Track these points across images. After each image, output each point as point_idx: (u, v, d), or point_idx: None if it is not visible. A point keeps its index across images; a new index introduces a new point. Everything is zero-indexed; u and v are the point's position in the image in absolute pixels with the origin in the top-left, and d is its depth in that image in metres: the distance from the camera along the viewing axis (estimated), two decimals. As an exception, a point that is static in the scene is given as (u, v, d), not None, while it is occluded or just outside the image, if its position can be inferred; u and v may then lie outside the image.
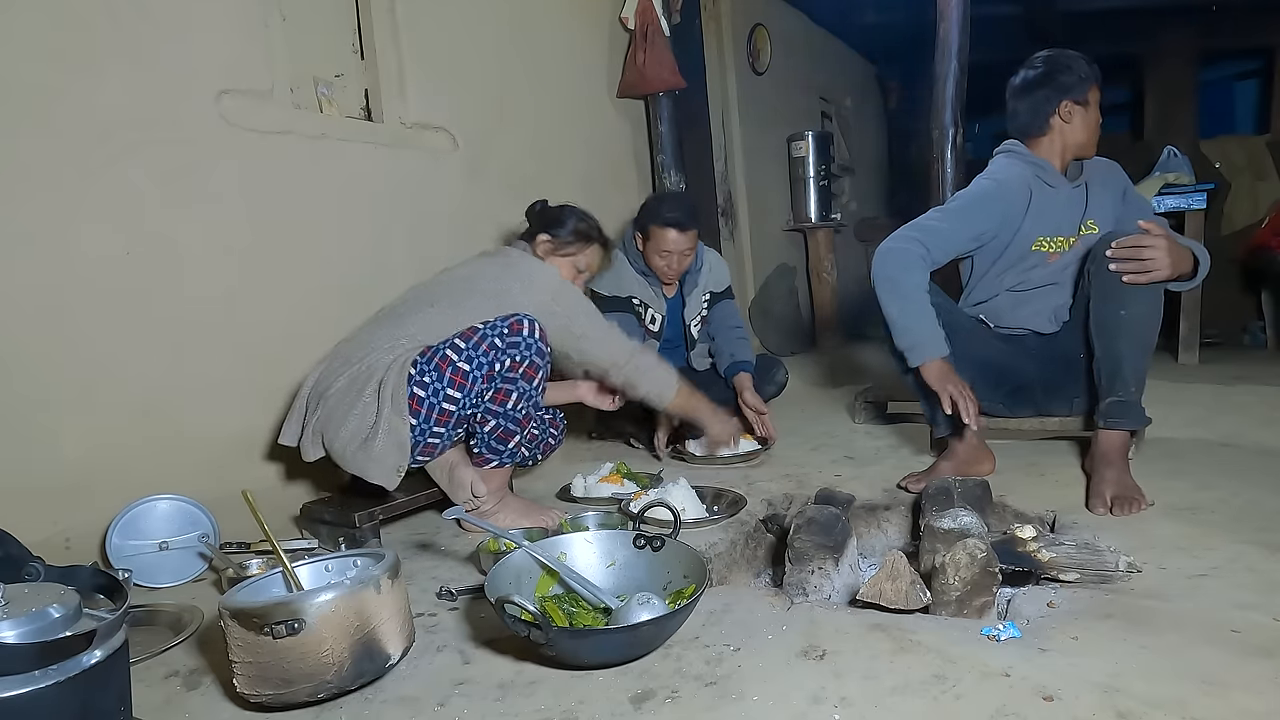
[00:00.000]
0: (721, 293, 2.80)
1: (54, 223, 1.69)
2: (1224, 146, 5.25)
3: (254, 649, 1.06)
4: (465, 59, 2.68)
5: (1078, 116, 1.97)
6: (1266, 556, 1.41)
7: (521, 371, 1.78)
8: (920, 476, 1.97)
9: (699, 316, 2.75)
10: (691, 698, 1.07)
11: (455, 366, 1.74)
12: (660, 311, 2.68)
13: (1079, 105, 1.96)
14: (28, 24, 1.65)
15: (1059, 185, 2.01)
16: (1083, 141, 2.00)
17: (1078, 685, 1.02)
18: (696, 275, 2.72)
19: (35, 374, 1.67)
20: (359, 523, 1.78)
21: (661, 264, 2.57)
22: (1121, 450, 1.83)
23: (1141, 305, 1.79)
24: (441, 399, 1.75)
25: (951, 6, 3.25)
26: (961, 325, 2.03)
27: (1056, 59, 1.98)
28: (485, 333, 1.76)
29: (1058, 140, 2.00)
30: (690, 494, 1.91)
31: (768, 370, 2.83)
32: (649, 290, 2.65)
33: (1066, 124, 1.98)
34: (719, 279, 2.79)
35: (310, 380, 1.89)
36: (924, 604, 1.30)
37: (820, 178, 4.73)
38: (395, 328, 1.87)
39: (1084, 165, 2.06)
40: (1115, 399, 1.83)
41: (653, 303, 2.67)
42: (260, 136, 2.06)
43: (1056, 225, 2.02)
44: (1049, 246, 2.03)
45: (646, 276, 2.64)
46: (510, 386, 1.79)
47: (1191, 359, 3.66)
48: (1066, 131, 1.99)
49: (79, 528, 1.70)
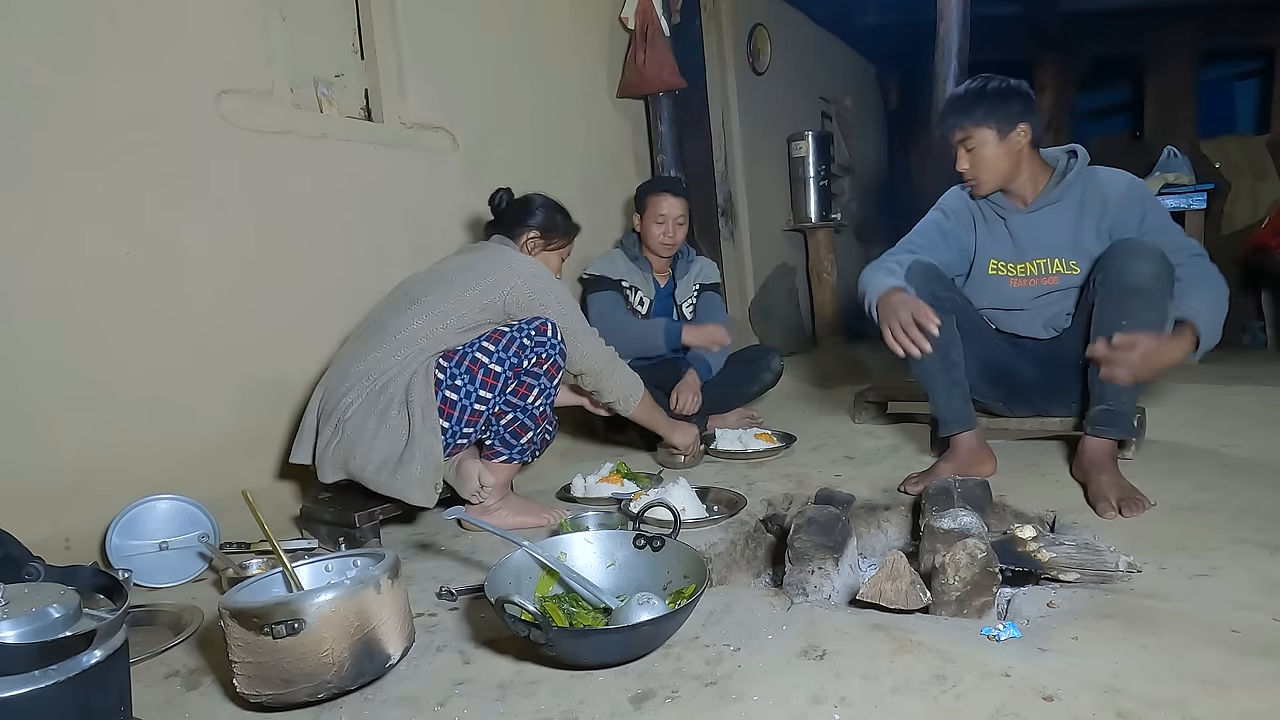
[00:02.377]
0: (710, 285, 2.99)
1: (54, 223, 1.69)
2: (1224, 146, 5.25)
3: (254, 649, 1.06)
4: (465, 59, 2.68)
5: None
6: (1266, 556, 1.41)
7: (545, 369, 1.83)
8: (920, 478, 1.97)
9: (690, 299, 2.94)
10: (691, 698, 1.07)
11: (487, 369, 1.78)
12: (649, 296, 2.86)
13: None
14: (28, 24, 1.65)
15: (1009, 214, 2.02)
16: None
17: (1078, 685, 1.02)
18: (688, 265, 2.93)
19: (35, 374, 1.67)
20: (359, 523, 1.78)
21: (659, 231, 2.77)
22: (1111, 455, 1.84)
23: (1146, 315, 1.76)
24: (474, 400, 1.79)
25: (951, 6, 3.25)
26: (967, 321, 2.05)
27: (989, 86, 1.93)
28: (513, 335, 1.80)
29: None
30: (690, 494, 1.91)
31: (759, 361, 2.93)
32: (640, 275, 2.84)
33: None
34: (709, 274, 3.00)
35: (317, 397, 1.86)
36: (924, 604, 1.30)
37: (820, 178, 4.73)
38: (396, 334, 1.83)
39: (1072, 189, 1.96)
40: (1104, 407, 1.85)
41: (642, 287, 2.84)
42: (260, 136, 2.06)
43: (1010, 251, 2.03)
44: (1007, 271, 2.05)
45: (638, 262, 2.84)
46: (533, 381, 1.83)
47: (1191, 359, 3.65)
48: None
49: (79, 528, 1.70)
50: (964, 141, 1.94)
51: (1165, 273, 1.78)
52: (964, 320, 2.03)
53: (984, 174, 1.96)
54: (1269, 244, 4.41)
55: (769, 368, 2.91)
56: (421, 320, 1.83)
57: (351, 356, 1.85)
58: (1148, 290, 1.77)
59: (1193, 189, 3.66)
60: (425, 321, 1.83)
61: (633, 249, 2.85)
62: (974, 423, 2.02)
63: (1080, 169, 1.97)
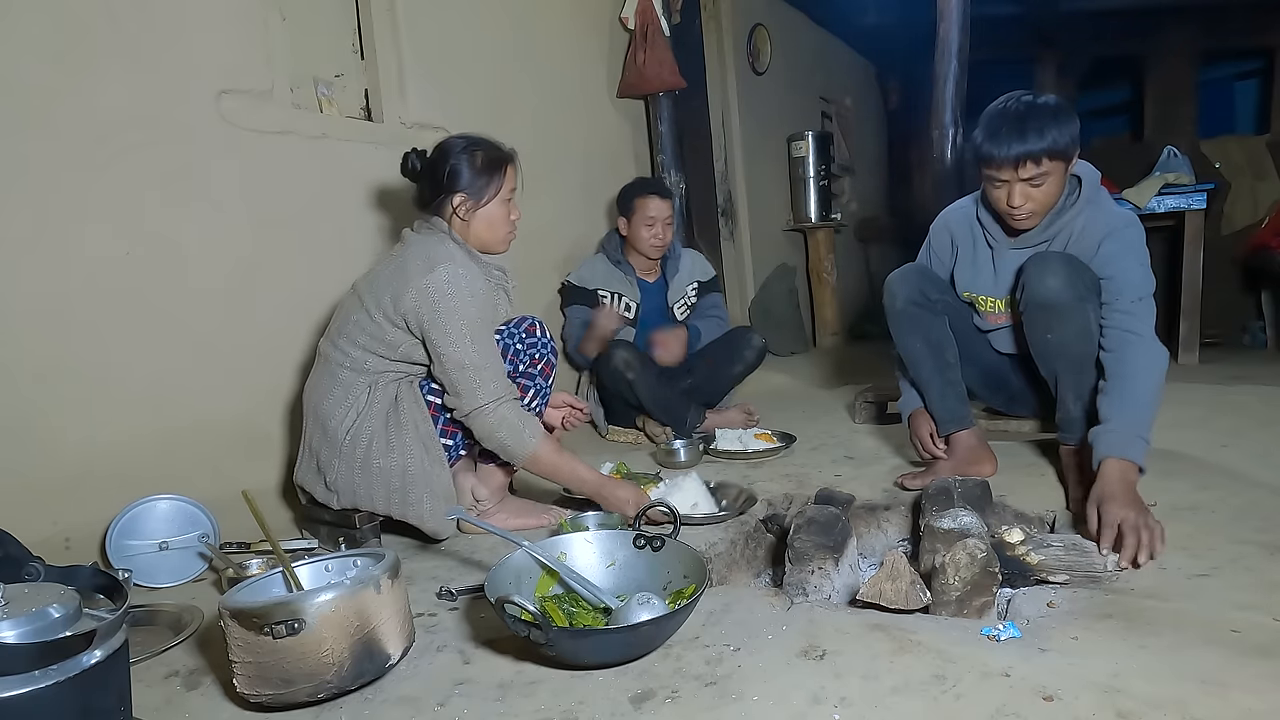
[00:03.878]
0: (708, 282, 2.98)
1: (54, 223, 1.69)
2: (1224, 146, 5.25)
3: (254, 649, 1.06)
4: (465, 59, 2.68)
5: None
6: (1266, 556, 1.40)
7: (539, 369, 1.83)
8: (918, 475, 1.98)
9: (683, 301, 2.93)
10: (691, 698, 1.07)
11: None
12: (634, 300, 2.86)
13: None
14: (28, 24, 1.65)
15: (998, 246, 1.93)
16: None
17: (1078, 685, 1.02)
18: (677, 262, 2.93)
19: (35, 374, 1.67)
20: (359, 523, 1.78)
21: (648, 234, 2.78)
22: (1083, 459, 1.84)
23: (1067, 329, 1.75)
24: None
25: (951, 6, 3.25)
26: (961, 324, 2.05)
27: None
28: (505, 341, 1.79)
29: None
30: (700, 486, 1.90)
31: (740, 340, 2.86)
32: (623, 280, 2.84)
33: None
34: (703, 269, 3.00)
35: (307, 423, 1.78)
36: (924, 604, 1.30)
37: (820, 178, 4.73)
38: (340, 365, 1.72)
39: (1064, 231, 1.82)
40: (1061, 416, 1.87)
41: (627, 291, 2.85)
42: (260, 136, 2.06)
43: (989, 285, 1.97)
44: (983, 305, 2.01)
45: (621, 266, 2.84)
46: (528, 383, 1.82)
47: (1191, 359, 3.66)
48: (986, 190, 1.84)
49: (79, 528, 1.71)
50: (1033, 179, 1.72)
51: (1076, 281, 1.72)
52: (958, 323, 2.04)
53: (1043, 206, 1.77)
54: (1269, 244, 4.41)
55: (750, 345, 2.84)
56: (358, 351, 1.70)
57: (328, 374, 1.74)
58: (1062, 306, 1.73)
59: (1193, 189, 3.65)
60: (361, 353, 1.70)
61: (615, 253, 2.85)
62: (971, 422, 2.02)
63: (1079, 205, 1.81)
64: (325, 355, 1.77)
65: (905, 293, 1.97)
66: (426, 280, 1.63)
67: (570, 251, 3.11)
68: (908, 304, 1.97)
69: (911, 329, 1.99)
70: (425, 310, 1.63)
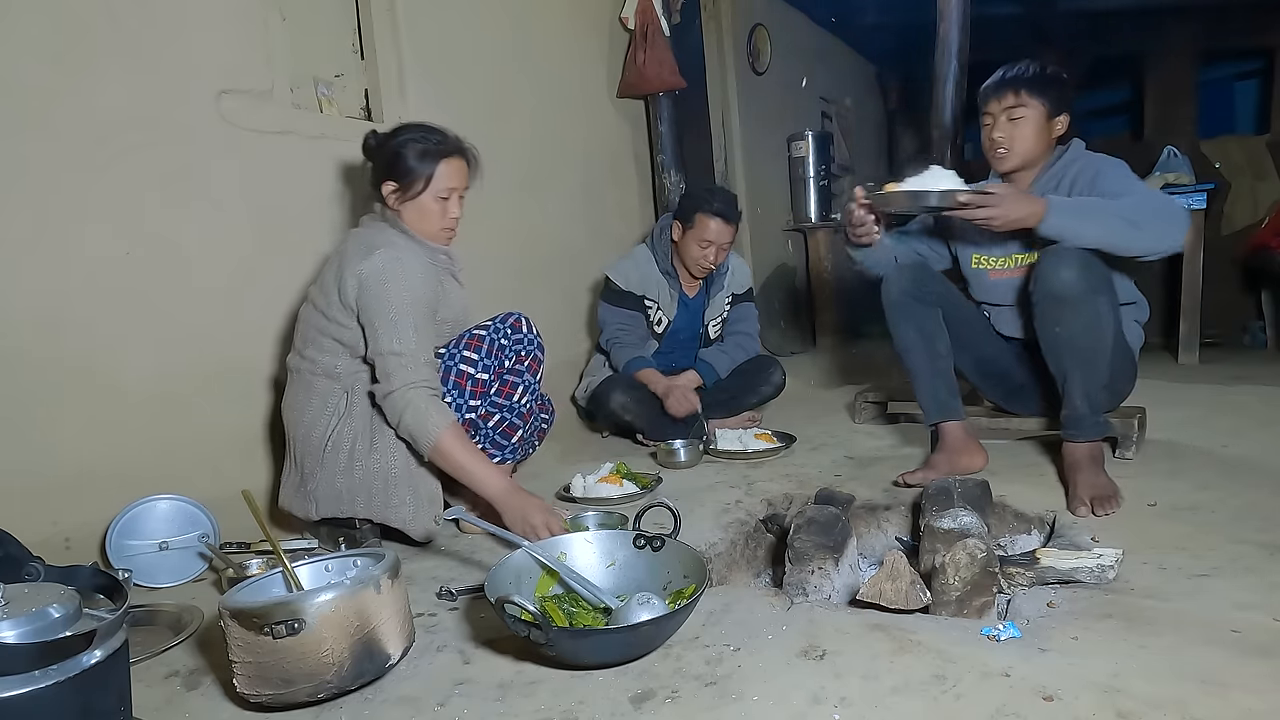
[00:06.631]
0: (743, 295, 2.87)
1: (54, 223, 1.69)
2: (1224, 146, 5.25)
3: (254, 649, 1.06)
4: (465, 59, 2.68)
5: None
6: (1266, 556, 1.41)
7: (526, 365, 1.83)
8: (916, 471, 1.98)
9: (720, 318, 2.81)
10: (691, 698, 1.07)
11: (475, 379, 1.77)
12: (669, 315, 2.74)
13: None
14: (27, 25, 1.65)
15: None
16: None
17: (1078, 685, 1.02)
18: (722, 278, 2.78)
19: (35, 374, 1.67)
20: (359, 523, 1.78)
21: (699, 254, 2.61)
22: (1087, 456, 1.84)
23: (1077, 322, 1.78)
24: (464, 411, 1.77)
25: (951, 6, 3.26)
26: (966, 317, 2.07)
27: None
28: (491, 337, 1.78)
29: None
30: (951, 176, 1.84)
31: (760, 373, 2.83)
32: (666, 292, 2.68)
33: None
34: (741, 281, 2.86)
35: (290, 442, 1.79)
36: (924, 604, 1.30)
37: (820, 178, 4.72)
38: (310, 372, 1.75)
39: (1054, 181, 1.95)
40: (1067, 412, 1.87)
41: (665, 305, 2.71)
42: (260, 136, 2.05)
43: (989, 244, 2.05)
44: (986, 264, 2.08)
45: (669, 276, 2.67)
46: (516, 380, 1.82)
47: (1191, 359, 3.66)
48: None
49: (79, 528, 1.70)
50: (1011, 109, 1.92)
51: (1090, 275, 1.77)
52: (953, 313, 2.06)
53: (1018, 145, 1.94)
54: (1269, 244, 4.41)
55: (769, 380, 2.81)
56: (326, 357, 1.73)
57: (303, 384, 1.77)
58: (1074, 299, 1.77)
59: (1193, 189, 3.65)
60: (329, 359, 1.73)
61: (665, 260, 2.67)
62: (959, 415, 2.05)
63: (1071, 154, 1.97)
64: (296, 369, 1.79)
65: (900, 284, 2.02)
66: (362, 266, 1.65)
67: (570, 251, 3.11)
68: (902, 295, 2.02)
69: (905, 319, 2.03)
70: (362, 295, 1.65)
